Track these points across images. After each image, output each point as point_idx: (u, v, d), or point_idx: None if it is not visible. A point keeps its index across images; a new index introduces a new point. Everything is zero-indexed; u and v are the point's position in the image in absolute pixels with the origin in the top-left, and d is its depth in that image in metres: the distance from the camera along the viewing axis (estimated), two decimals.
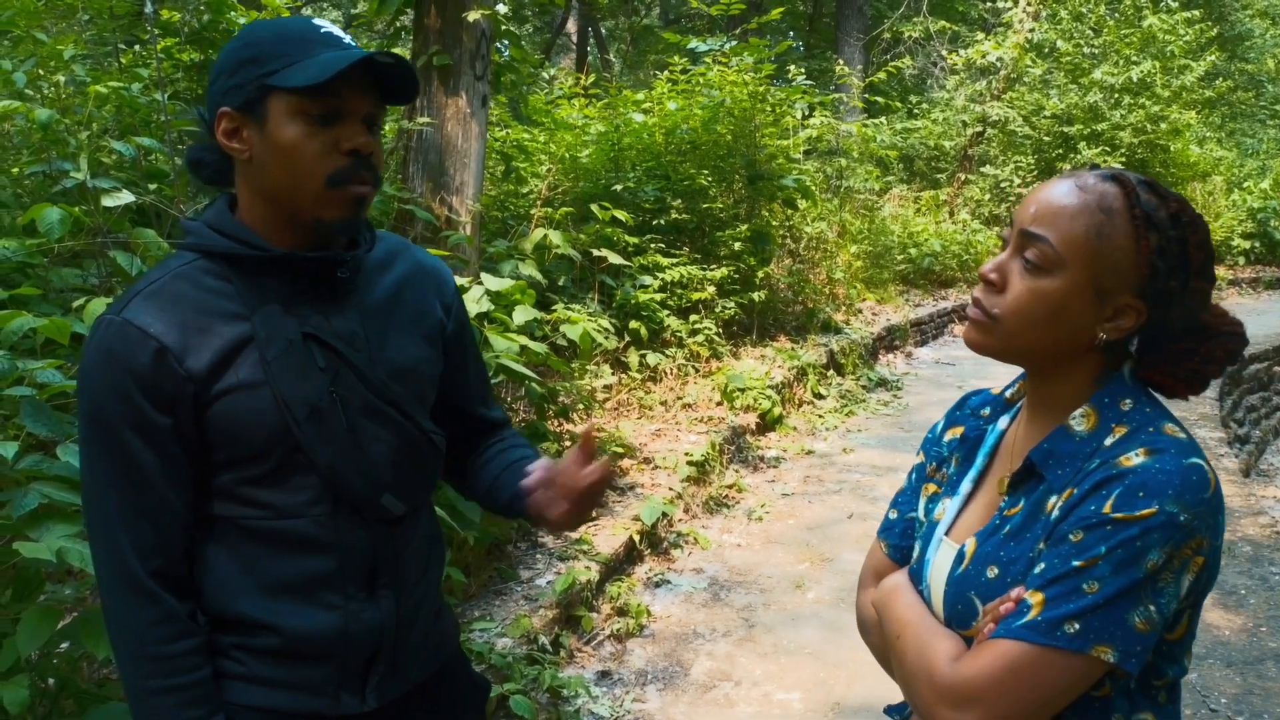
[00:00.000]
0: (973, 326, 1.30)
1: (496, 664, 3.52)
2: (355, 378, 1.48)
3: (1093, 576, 1.13)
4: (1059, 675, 1.14)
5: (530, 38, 19.15)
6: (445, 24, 5.65)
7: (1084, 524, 1.16)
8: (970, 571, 1.28)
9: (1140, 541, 1.12)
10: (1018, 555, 1.24)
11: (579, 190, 8.08)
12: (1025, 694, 1.15)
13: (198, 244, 1.47)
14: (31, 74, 4.39)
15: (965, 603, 1.28)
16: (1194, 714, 3.60)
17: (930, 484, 1.49)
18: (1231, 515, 5.62)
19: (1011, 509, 1.30)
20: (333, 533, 1.47)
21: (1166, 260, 1.22)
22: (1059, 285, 1.22)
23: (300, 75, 1.37)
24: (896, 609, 1.37)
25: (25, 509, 1.95)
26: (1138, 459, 1.17)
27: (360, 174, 1.43)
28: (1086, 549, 1.14)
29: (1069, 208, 1.23)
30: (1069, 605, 1.13)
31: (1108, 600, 1.13)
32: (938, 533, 1.40)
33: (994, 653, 1.17)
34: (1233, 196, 16.73)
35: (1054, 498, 1.24)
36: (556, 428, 5.46)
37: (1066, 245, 1.21)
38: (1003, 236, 1.32)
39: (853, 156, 11.81)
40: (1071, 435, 1.26)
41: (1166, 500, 1.13)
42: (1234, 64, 21.24)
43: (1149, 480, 1.14)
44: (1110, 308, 1.23)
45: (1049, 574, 1.16)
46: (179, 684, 1.40)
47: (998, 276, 1.26)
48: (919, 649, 1.27)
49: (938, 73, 17.06)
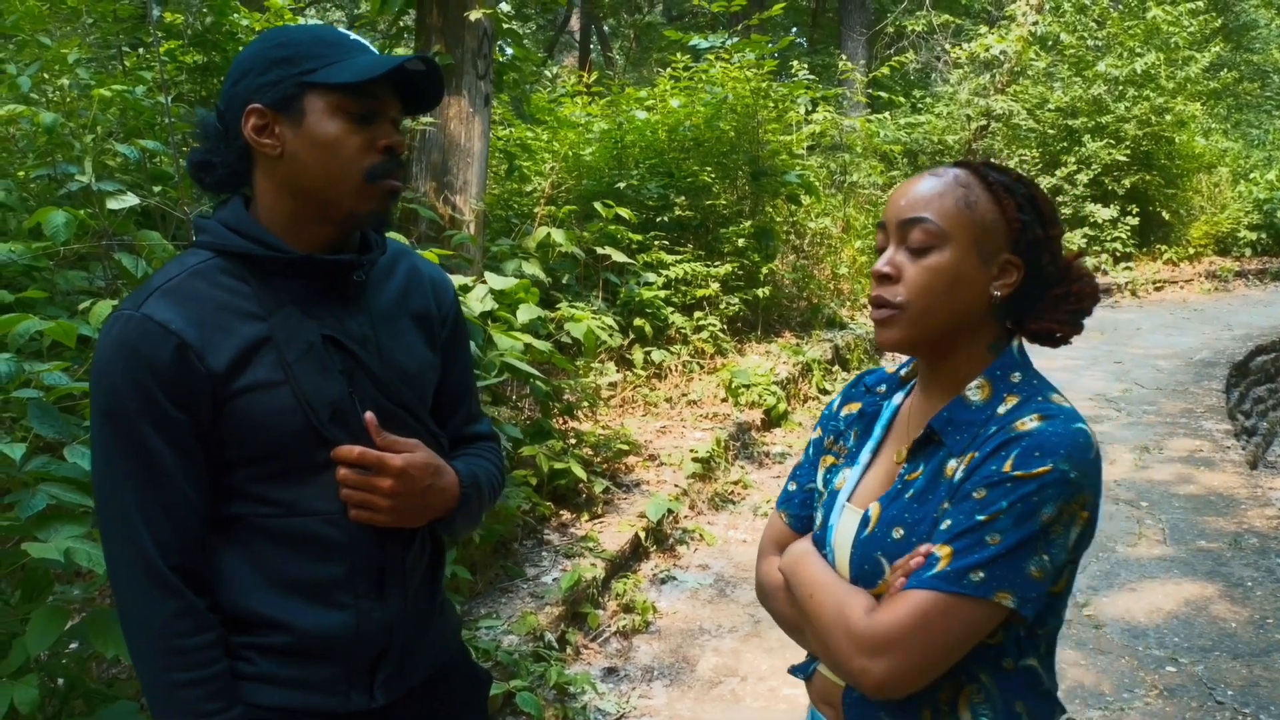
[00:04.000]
0: (882, 325, 1.39)
1: (503, 661, 3.54)
2: (369, 380, 1.51)
3: (995, 529, 1.25)
4: (965, 620, 1.25)
5: (533, 36, 19.15)
6: (447, 23, 5.66)
7: (986, 482, 1.27)
8: (876, 533, 1.38)
9: (1037, 496, 1.24)
10: (922, 516, 1.35)
11: (582, 188, 8.09)
12: (935, 639, 1.25)
13: (214, 243, 1.48)
14: (36, 78, 4.41)
15: (871, 563, 1.38)
16: (1200, 706, 3.60)
17: (828, 456, 1.59)
18: (1238, 507, 5.62)
19: (912, 474, 1.40)
20: (345, 532, 1.49)
21: (1026, 214, 1.37)
22: (948, 256, 1.35)
23: (344, 74, 1.44)
24: (806, 572, 1.44)
25: (33, 510, 1.97)
26: (1032, 424, 1.29)
27: (394, 170, 1.50)
28: (989, 504, 1.26)
29: (935, 190, 1.37)
30: (974, 556, 1.24)
31: (1009, 550, 1.24)
32: (839, 500, 1.49)
33: (906, 603, 1.26)
34: (1239, 188, 16.65)
35: (954, 461, 1.35)
36: (561, 425, 5.47)
37: (944, 219, 1.35)
38: (877, 242, 1.44)
39: (856, 152, 11.78)
40: (968, 405, 1.38)
41: (1059, 459, 1.25)
42: (1239, 55, 21.14)
43: (1044, 442, 1.26)
44: (995, 266, 1.36)
45: (955, 529, 1.27)
46: (201, 677, 1.41)
47: (892, 269, 1.38)
48: (834, 606, 1.35)
49: (941, 67, 17.01)
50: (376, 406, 1.50)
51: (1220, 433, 7.23)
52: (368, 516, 1.49)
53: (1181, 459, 6.60)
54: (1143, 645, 4.06)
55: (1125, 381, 8.87)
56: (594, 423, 6.11)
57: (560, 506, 4.98)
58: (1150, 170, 14.91)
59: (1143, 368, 9.45)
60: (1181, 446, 6.89)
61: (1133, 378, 9.02)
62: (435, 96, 1.56)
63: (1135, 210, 14.75)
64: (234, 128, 1.47)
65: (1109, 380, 8.93)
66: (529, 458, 4.68)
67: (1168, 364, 9.62)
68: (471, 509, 1.63)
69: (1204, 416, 7.68)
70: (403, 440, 1.51)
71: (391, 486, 1.48)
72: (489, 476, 1.70)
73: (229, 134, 1.48)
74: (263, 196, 1.50)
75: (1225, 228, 15.92)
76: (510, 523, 4.44)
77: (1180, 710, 3.59)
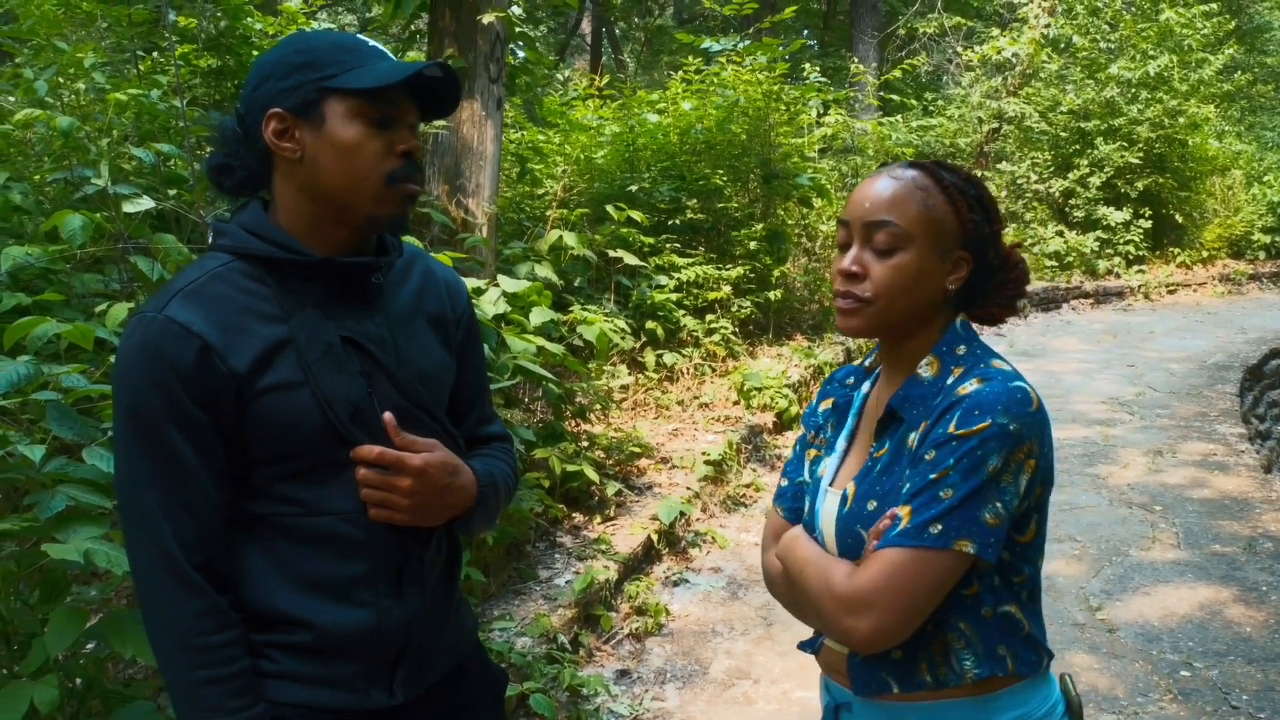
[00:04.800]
0: (849, 315, 1.51)
1: (516, 663, 3.54)
2: (388, 381, 1.53)
3: (946, 484, 1.37)
4: (932, 571, 1.37)
5: (544, 39, 19.18)
6: (460, 27, 5.68)
7: (934, 444, 1.40)
8: (854, 509, 1.50)
9: (980, 450, 1.37)
10: (890, 487, 1.47)
11: (594, 191, 8.10)
12: (908, 590, 1.37)
13: (234, 246, 1.50)
14: (52, 82, 4.44)
15: (854, 536, 1.49)
16: (1215, 711, 3.59)
17: (812, 449, 1.72)
18: (1252, 511, 5.60)
19: (879, 451, 1.53)
20: (365, 530, 1.50)
21: (976, 213, 1.50)
22: (912, 257, 1.47)
23: (364, 79, 1.46)
24: (797, 552, 1.57)
25: (52, 511, 1.98)
26: (972, 387, 1.42)
27: (413, 174, 1.52)
28: (939, 464, 1.38)
29: (897, 194, 1.48)
30: (930, 511, 1.37)
31: (962, 501, 1.36)
32: (822, 486, 1.61)
33: (878, 561, 1.39)
34: (1252, 190, 16.59)
35: (913, 434, 1.48)
36: (574, 428, 5.48)
37: (909, 223, 1.46)
38: (839, 240, 1.55)
39: (868, 154, 11.79)
40: (920, 381, 1.51)
41: (997, 414, 1.38)
42: (1253, 57, 21.04)
43: (981, 401, 1.39)
44: (949, 263, 1.50)
45: (912, 490, 1.40)
46: (224, 674, 1.42)
47: (859, 267, 1.49)
48: (819, 575, 1.49)
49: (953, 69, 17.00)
50: (395, 407, 1.52)
51: (1234, 436, 7.20)
52: (387, 515, 1.50)
53: (1195, 463, 6.58)
54: (1157, 649, 4.04)
55: (1138, 385, 8.84)
56: (606, 425, 6.12)
57: (573, 509, 4.98)
58: (1163, 173, 14.86)
59: (1156, 371, 9.42)
60: (1195, 450, 6.86)
61: (1146, 381, 8.99)
62: (453, 103, 1.58)
63: (1148, 213, 14.70)
64: (254, 131, 1.49)
65: (1122, 384, 8.91)
66: (542, 460, 4.69)
67: (1181, 367, 9.59)
68: (489, 508, 1.65)
69: (1218, 420, 7.65)
70: (421, 440, 1.52)
71: (410, 486, 1.49)
72: (504, 476, 1.72)
73: (249, 138, 1.50)
74: (282, 200, 1.52)
75: (1239, 230, 15.86)
76: (523, 525, 4.45)
77: (1195, 715, 3.57)
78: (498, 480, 1.67)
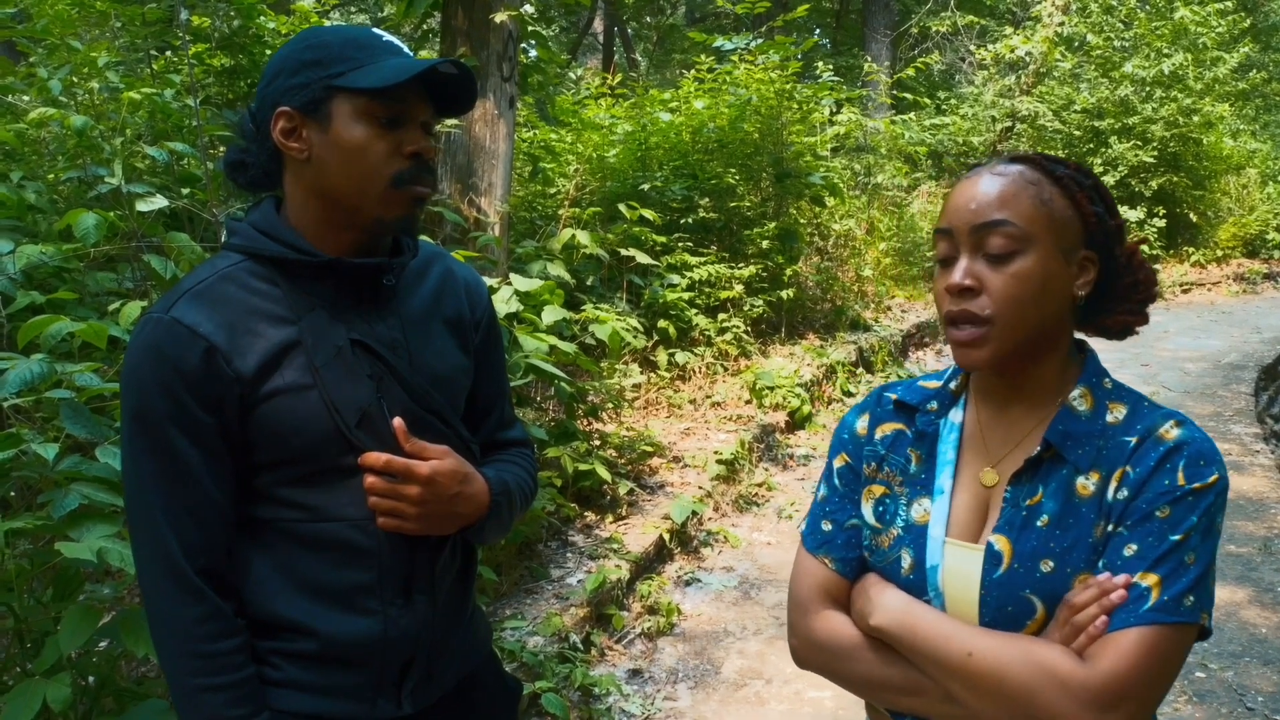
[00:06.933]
0: (969, 345, 1.28)
1: (528, 662, 3.54)
2: (399, 385, 1.50)
3: (1189, 548, 1.19)
4: (1184, 648, 1.20)
5: (556, 38, 19.18)
6: (472, 26, 5.68)
7: (1168, 499, 1.21)
8: (1017, 571, 1.27)
9: (1214, 507, 1.21)
10: (1070, 544, 1.25)
11: (606, 190, 8.09)
12: (1167, 674, 1.19)
13: (245, 246, 1.48)
14: (66, 81, 4.45)
15: (1017, 603, 1.26)
16: (1230, 712, 3.56)
17: (875, 485, 1.43)
18: (1267, 511, 5.56)
19: (1031, 498, 1.30)
20: (373, 537, 1.47)
21: (1097, 205, 1.31)
22: (1034, 260, 1.26)
23: (371, 78, 1.42)
24: (937, 628, 1.28)
25: (66, 509, 1.98)
26: (1175, 431, 1.24)
27: (422, 176, 1.47)
28: (1179, 523, 1.20)
29: (1007, 190, 1.27)
30: (1182, 580, 1.19)
31: (1205, 569, 1.20)
32: (933, 535, 1.35)
33: (1131, 643, 1.17)
34: (1268, 189, 16.49)
35: (1081, 478, 1.27)
36: (586, 427, 5.47)
37: (1025, 220, 1.26)
38: (940, 255, 1.32)
39: (881, 153, 11.75)
40: (1077, 415, 1.30)
41: (1218, 466, 1.22)
42: (1268, 55, 20.91)
43: (1201, 449, 1.23)
44: (1074, 265, 1.30)
45: (1150, 554, 1.20)
46: (226, 682, 1.40)
47: (973, 281, 1.27)
48: (1026, 662, 1.21)
49: (966, 68, 16.93)
50: (405, 411, 1.49)
51: (1249, 436, 7.16)
52: (396, 524, 1.47)
53: None
54: None
55: (1153, 384, 8.79)
56: (618, 424, 6.11)
57: (585, 508, 4.98)
58: (1178, 172, 14.77)
59: (1170, 370, 9.37)
60: None
61: (1160, 380, 8.95)
62: (469, 100, 1.53)
63: (1162, 212, 14.62)
64: (265, 129, 1.47)
65: (1136, 383, 8.84)
66: (554, 459, 4.68)
67: (1195, 367, 9.54)
68: (502, 517, 1.60)
69: (1232, 420, 7.61)
70: (431, 446, 1.49)
71: (419, 494, 1.46)
72: (520, 483, 1.67)
73: (260, 135, 1.48)
74: (292, 199, 1.50)
75: (1254, 230, 15.75)
76: (535, 524, 4.45)
77: (1210, 716, 3.55)
78: (511, 488, 1.63)
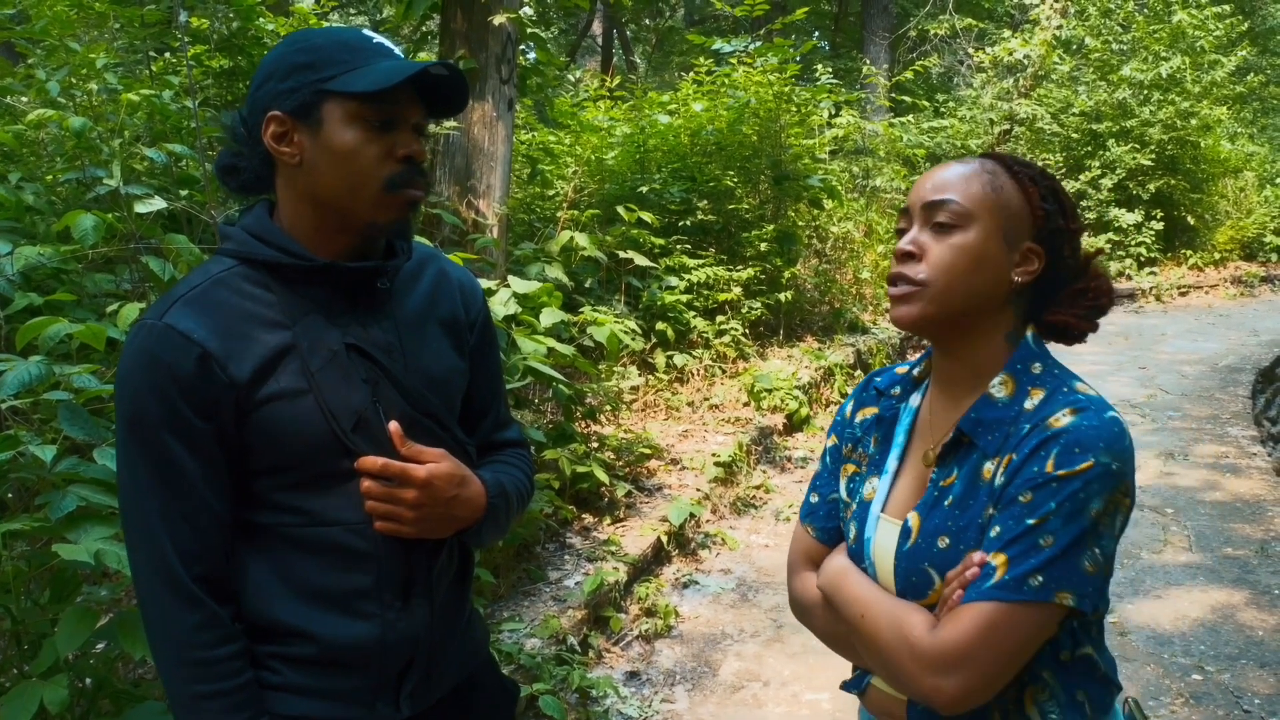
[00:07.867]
0: (901, 301, 1.38)
1: (525, 664, 3.54)
2: (394, 388, 1.49)
3: (1046, 531, 1.24)
4: (1029, 626, 1.25)
5: (555, 40, 19.19)
6: (471, 28, 5.69)
7: (1031, 484, 1.27)
8: (920, 545, 1.37)
9: (1083, 493, 1.24)
10: (966, 523, 1.34)
11: (605, 192, 8.10)
12: (1004, 648, 1.25)
13: (238, 251, 1.47)
14: (65, 82, 4.45)
15: (919, 574, 1.37)
16: (1227, 714, 3.57)
17: (848, 464, 1.57)
18: (1264, 514, 5.57)
19: (946, 479, 1.39)
20: (370, 541, 1.47)
21: (1050, 204, 1.39)
22: (974, 236, 1.36)
23: (362, 81, 1.41)
24: (851, 590, 1.44)
25: (63, 511, 1.98)
26: (1066, 419, 1.29)
27: (415, 179, 1.47)
28: (1037, 507, 1.25)
29: (963, 175, 1.39)
30: (1030, 561, 1.24)
31: (1063, 551, 1.24)
32: (873, 511, 1.47)
33: (970, 616, 1.26)
34: (1265, 192, 16.52)
35: (989, 463, 1.35)
36: (584, 429, 5.48)
37: (971, 200, 1.37)
38: (898, 228, 1.45)
39: (879, 156, 11.76)
40: (994, 402, 1.37)
41: (1100, 452, 1.25)
42: (1266, 59, 20.94)
43: (1081, 437, 1.26)
44: (1017, 253, 1.38)
45: (1006, 535, 1.27)
46: (224, 689, 1.40)
47: (915, 247, 1.38)
48: (891, 625, 1.34)
49: (964, 71, 16.96)
50: (401, 415, 1.48)
51: (1246, 439, 7.17)
52: (393, 528, 1.47)
53: (1207, 465, 6.55)
54: (1168, 653, 4.02)
55: (1150, 387, 8.80)
56: (616, 426, 6.11)
57: (582, 510, 4.98)
58: (1175, 175, 14.80)
59: (1168, 373, 9.38)
60: (1207, 452, 6.83)
61: (1158, 383, 8.95)
62: (461, 102, 1.53)
63: (1160, 215, 14.65)
64: (256, 133, 1.46)
65: (1134, 386, 8.86)
66: (551, 461, 4.69)
67: (1193, 369, 9.55)
68: (499, 519, 1.60)
69: (1230, 422, 7.62)
70: (428, 450, 1.48)
71: (416, 498, 1.45)
72: (516, 485, 1.67)
73: (252, 139, 1.47)
74: (285, 204, 1.49)
75: (1251, 233, 15.78)
76: (533, 526, 4.44)
77: (1207, 718, 3.55)
78: (508, 490, 1.63)
